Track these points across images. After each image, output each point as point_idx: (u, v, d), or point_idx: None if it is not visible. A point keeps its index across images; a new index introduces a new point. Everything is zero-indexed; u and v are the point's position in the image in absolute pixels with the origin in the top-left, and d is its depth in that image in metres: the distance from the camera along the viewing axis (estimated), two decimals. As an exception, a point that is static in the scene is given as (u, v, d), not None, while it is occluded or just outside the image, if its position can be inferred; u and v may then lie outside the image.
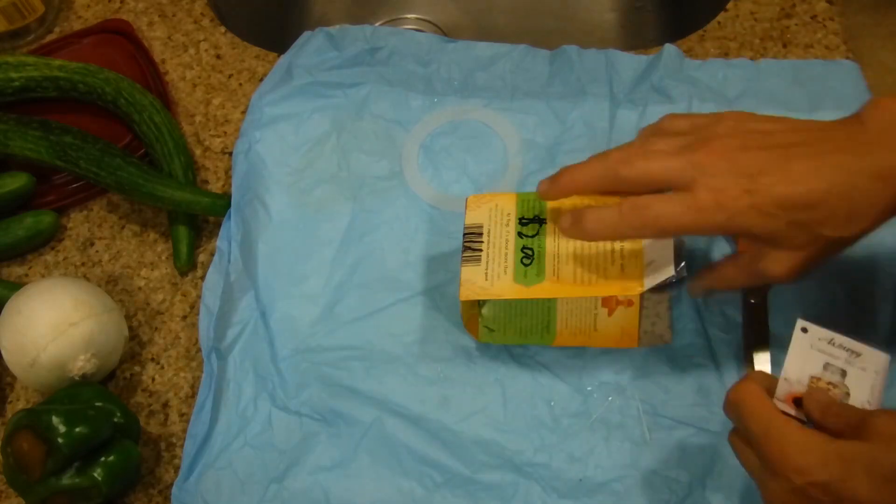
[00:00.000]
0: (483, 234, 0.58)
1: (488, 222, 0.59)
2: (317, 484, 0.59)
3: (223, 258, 0.66)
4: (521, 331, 0.61)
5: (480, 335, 0.61)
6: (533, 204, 0.59)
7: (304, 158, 0.70)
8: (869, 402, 0.50)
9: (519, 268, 0.56)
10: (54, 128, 0.69)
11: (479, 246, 0.58)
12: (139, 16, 0.82)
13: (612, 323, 0.61)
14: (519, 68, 0.73)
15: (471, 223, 0.59)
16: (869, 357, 0.52)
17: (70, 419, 0.56)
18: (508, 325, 0.61)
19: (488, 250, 0.58)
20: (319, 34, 0.75)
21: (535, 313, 0.61)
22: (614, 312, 0.61)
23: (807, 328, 0.52)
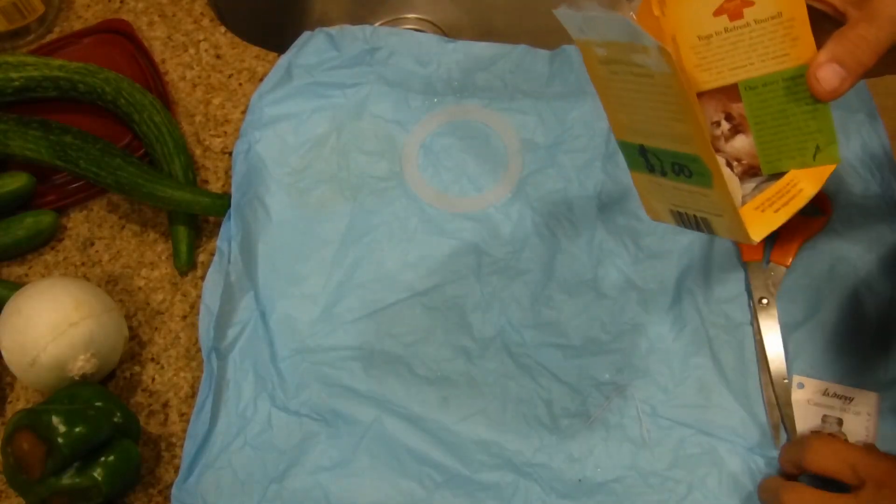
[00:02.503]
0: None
1: None
2: (316, 484, 0.58)
3: (223, 258, 0.66)
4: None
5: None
6: None
7: (304, 158, 0.70)
8: (865, 442, 0.52)
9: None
10: (54, 128, 0.69)
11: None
12: (139, 16, 0.82)
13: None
14: (519, 68, 0.73)
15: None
16: (860, 400, 0.53)
17: (70, 419, 0.56)
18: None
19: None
20: (319, 34, 0.75)
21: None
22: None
23: (803, 383, 0.54)
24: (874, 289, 0.63)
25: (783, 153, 0.48)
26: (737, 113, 0.48)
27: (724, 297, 0.63)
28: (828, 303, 0.63)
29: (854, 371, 0.60)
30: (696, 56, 0.47)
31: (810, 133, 0.46)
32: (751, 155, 0.48)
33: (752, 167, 0.49)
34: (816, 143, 0.47)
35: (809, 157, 0.47)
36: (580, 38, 0.44)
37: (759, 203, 0.47)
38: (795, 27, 0.44)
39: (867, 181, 0.67)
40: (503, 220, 0.67)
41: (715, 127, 0.49)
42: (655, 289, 0.64)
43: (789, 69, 0.45)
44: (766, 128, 0.47)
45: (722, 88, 0.47)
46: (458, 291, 0.65)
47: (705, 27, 0.46)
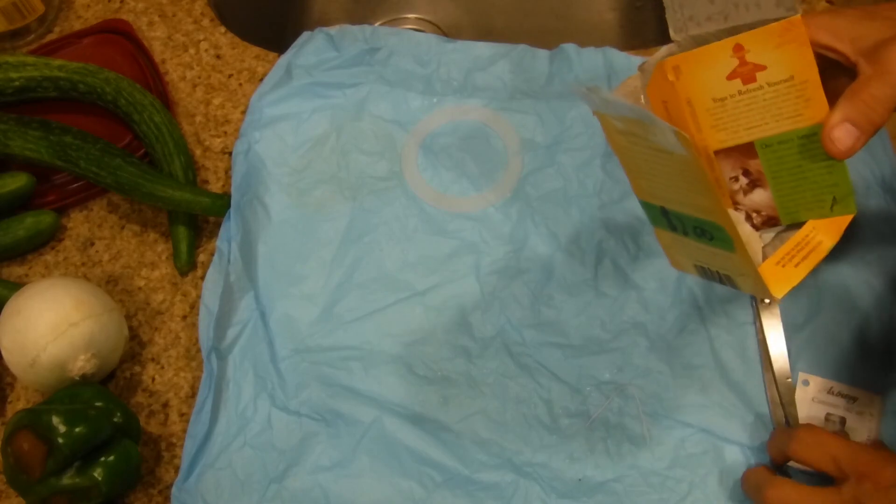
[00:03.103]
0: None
1: None
2: (316, 484, 0.59)
3: (223, 258, 0.67)
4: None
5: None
6: None
7: (304, 159, 0.70)
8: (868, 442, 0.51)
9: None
10: (54, 128, 0.69)
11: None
12: (139, 16, 0.82)
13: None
14: (518, 68, 0.74)
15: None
16: (864, 400, 0.52)
17: (70, 419, 0.56)
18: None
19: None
20: (319, 34, 0.75)
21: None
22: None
23: (808, 381, 0.53)
24: (875, 289, 0.63)
25: (801, 205, 0.50)
26: (754, 169, 0.49)
27: (725, 296, 0.64)
28: (830, 303, 0.63)
29: (857, 372, 0.60)
30: (712, 117, 0.48)
31: (827, 186, 0.48)
32: (769, 207, 0.50)
33: (771, 218, 0.51)
34: (833, 195, 0.48)
35: (827, 209, 0.49)
36: (598, 111, 0.45)
37: (779, 258, 0.49)
38: (808, 89, 0.46)
39: (868, 181, 0.67)
40: (503, 219, 0.67)
41: (733, 182, 0.50)
42: (655, 287, 0.64)
43: (804, 128, 0.47)
44: (783, 182, 0.49)
45: (739, 147, 0.49)
46: (458, 291, 0.65)
47: (719, 90, 0.47)
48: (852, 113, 0.45)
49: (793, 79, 0.46)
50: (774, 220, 0.51)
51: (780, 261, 0.49)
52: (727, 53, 0.46)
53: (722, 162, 0.50)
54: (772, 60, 0.45)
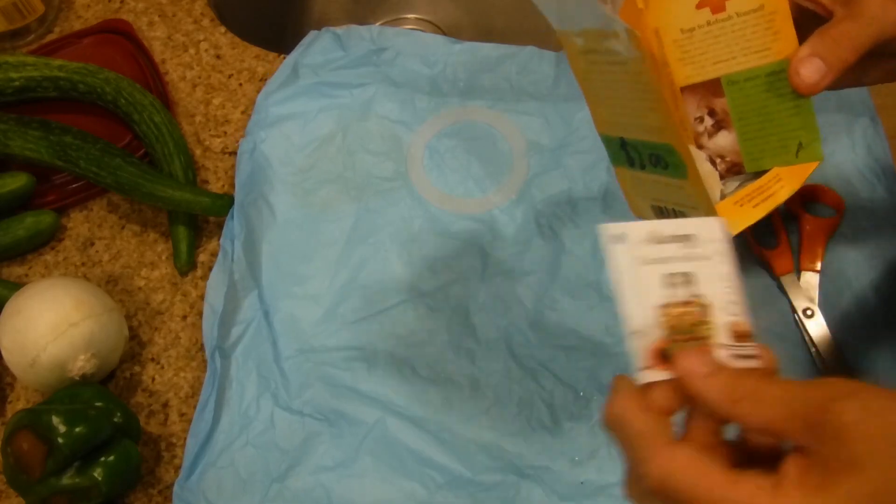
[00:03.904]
0: None
1: None
2: (319, 484, 0.60)
3: (227, 257, 0.68)
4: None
5: None
6: None
7: (309, 158, 0.72)
8: (728, 304, 0.38)
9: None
10: (54, 128, 0.70)
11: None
12: (139, 16, 0.83)
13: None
14: (525, 70, 0.75)
15: None
16: (702, 233, 0.39)
17: (70, 419, 0.57)
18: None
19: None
20: (325, 34, 0.76)
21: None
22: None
23: (623, 234, 0.38)
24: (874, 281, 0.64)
25: (766, 150, 0.49)
26: (720, 108, 0.49)
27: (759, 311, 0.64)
28: (870, 302, 0.64)
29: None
30: (680, 50, 0.47)
31: (793, 130, 0.48)
32: (734, 152, 0.50)
33: (735, 164, 0.50)
34: (799, 139, 0.48)
35: (792, 155, 0.48)
36: (560, 28, 0.45)
37: (738, 198, 0.48)
38: (777, 21, 0.45)
39: (872, 183, 0.68)
40: (508, 221, 0.68)
41: (698, 123, 0.49)
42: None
43: (771, 63, 0.46)
44: (748, 124, 0.48)
45: (705, 83, 0.48)
46: (462, 292, 0.66)
47: (688, 20, 0.46)
48: (821, 48, 0.44)
49: (762, 8, 0.45)
50: (738, 166, 0.50)
51: (739, 201, 0.48)
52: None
53: (688, 99, 0.48)
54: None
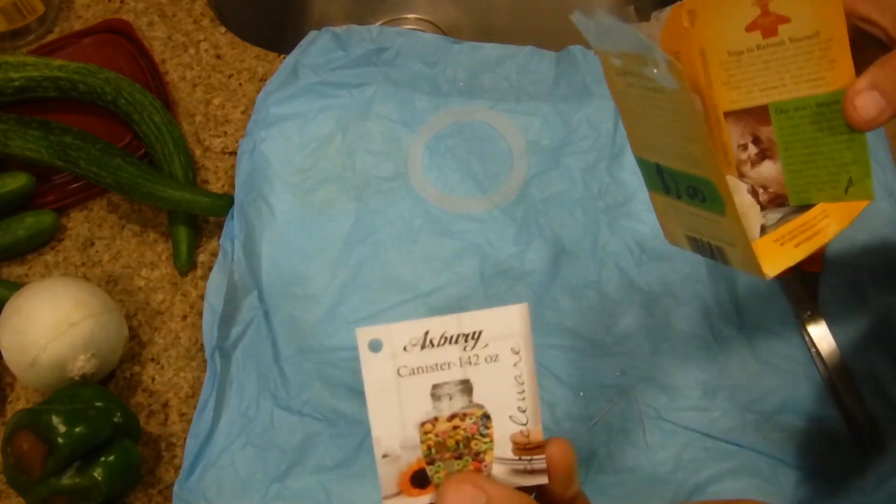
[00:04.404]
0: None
1: None
2: (318, 484, 0.60)
3: (227, 257, 0.68)
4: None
5: None
6: None
7: (309, 158, 0.72)
8: (514, 413, 0.35)
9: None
10: (54, 128, 0.71)
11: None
12: (139, 16, 0.84)
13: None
14: (525, 70, 0.76)
15: None
16: (493, 328, 0.34)
17: (70, 419, 0.57)
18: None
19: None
20: (325, 34, 0.77)
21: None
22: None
23: (379, 341, 0.34)
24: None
25: (812, 184, 0.46)
26: (765, 137, 0.46)
27: (732, 299, 0.65)
28: (871, 302, 0.65)
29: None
30: (726, 73, 0.45)
31: (843, 164, 0.44)
32: (778, 183, 0.47)
33: (778, 196, 0.47)
34: (850, 175, 0.44)
35: (841, 191, 0.45)
36: (598, 47, 0.43)
37: (779, 235, 0.45)
38: (833, 49, 0.42)
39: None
40: (508, 221, 0.69)
41: (741, 150, 0.47)
42: (660, 291, 0.66)
43: (824, 94, 0.43)
44: (795, 155, 0.45)
45: (751, 110, 0.45)
46: (462, 293, 0.66)
47: (736, 42, 0.44)
48: (883, 80, 0.40)
49: (818, 35, 0.41)
50: (782, 198, 0.47)
51: (780, 238, 0.44)
52: (749, 0, 0.42)
53: (731, 126, 0.46)
54: (797, 12, 0.41)
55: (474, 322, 0.34)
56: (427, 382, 0.34)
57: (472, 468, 0.35)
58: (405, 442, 0.34)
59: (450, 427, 0.34)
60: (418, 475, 0.34)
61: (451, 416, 0.34)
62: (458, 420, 0.34)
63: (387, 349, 0.34)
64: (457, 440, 0.34)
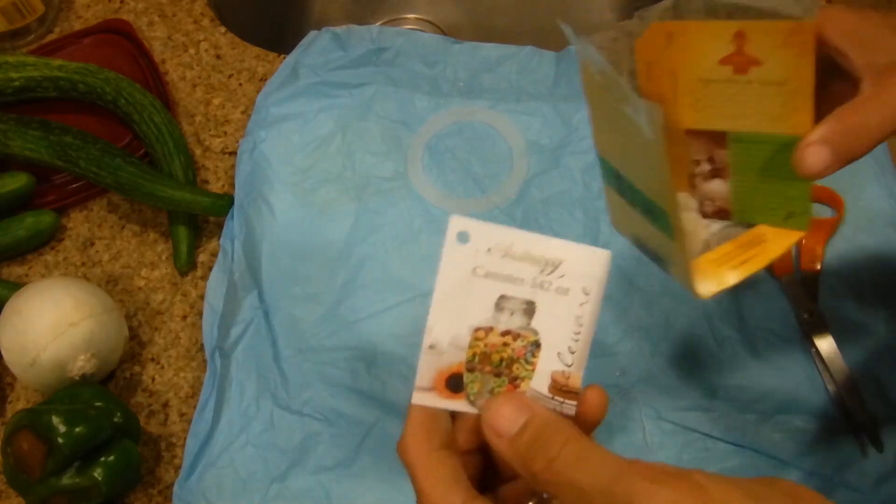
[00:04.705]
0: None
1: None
2: (318, 484, 0.61)
3: (227, 257, 0.69)
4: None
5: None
6: None
7: (309, 158, 0.72)
8: (563, 352, 0.35)
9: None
10: (54, 128, 0.71)
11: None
12: (139, 16, 0.84)
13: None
14: (525, 70, 0.76)
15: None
16: (576, 263, 0.34)
17: (70, 419, 0.57)
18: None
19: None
20: (325, 34, 0.77)
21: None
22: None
23: (467, 234, 0.34)
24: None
25: (756, 208, 0.49)
26: (720, 159, 0.48)
27: (734, 300, 0.65)
28: (871, 302, 0.65)
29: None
30: (692, 96, 0.46)
31: (787, 198, 0.47)
32: (724, 199, 0.49)
33: (723, 210, 0.50)
34: (791, 208, 0.47)
35: (780, 219, 0.48)
36: (580, 57, 0.43)
37: (719, 255, 0.48)
38: (797, 99, 0.43)
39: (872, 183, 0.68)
40: (508, 221, 0.70)
41: (695, 165, 0.49)
42: (660, 291, 0.66)
43: (781, 135, 0.45)
44: (745, 181, 0.48)
45: (711, 132, 0.47)
46: (462, 293, 0.66)
47: (708, 72, 0.45)
48: (834, 136, 0.42)
49: (786, 83, 0.43)
50: (726, 213, 0.49)
51: (719, 259, 0.47)
52: (727, 37, 0.43)
53: (691, 140, 0.48)
54: (770, 58, 0.43)
55: (560, 250, 0.34)
56: (496, 290, 0.34)
57: (505, 391, 0.35)
58: (455, 340, 0.34)
59: (500, 342, 0.34)
60: (454, 379, 0.34)
61: (505, 332, 0.34)
62: (511, 338, 0.34)
63: (472, 244, 0.33)
64: (502, 357, 0.35)
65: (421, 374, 0.34)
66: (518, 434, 0.34)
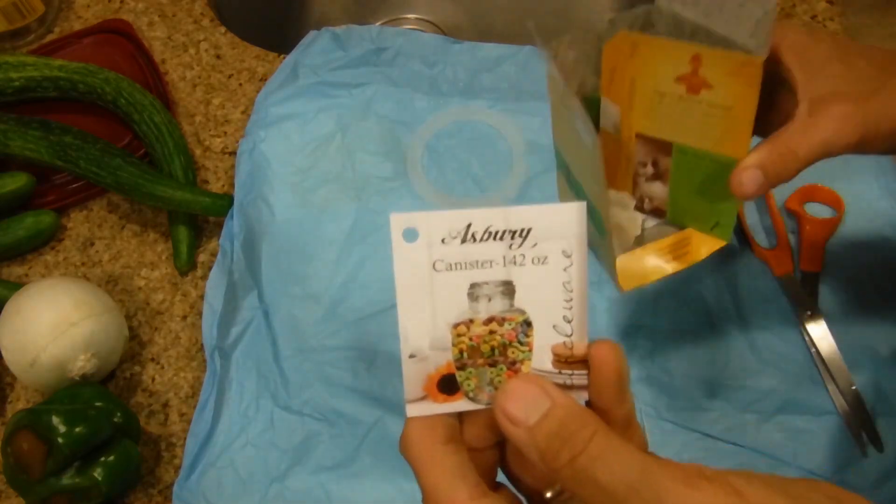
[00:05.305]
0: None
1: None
2: (318, 484, 0.61)
3: (226, 257, 0.69)
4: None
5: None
6: None
7: (309, 158, 0.72)
8: (558, 323, 0.33)
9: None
10: (54, 128, 0.71)
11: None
12: (139, 16, 0.84)
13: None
14: (524, 70, 0.76)
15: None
16: (546, 225, 0.32)
17: (70, 419, 0.58)
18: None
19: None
20: (325, 34, 0.77)
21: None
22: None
23: (415, 230, 0.31)
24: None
25: (688, 213, 0.53)
26: (663, 165, 0.52)
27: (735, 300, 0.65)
28: (871, 302, 0.65)
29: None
30: (647, 105, 0.49)
31: (716, 211, 0.51)
32: (662, 200, 0.53)
33: (659, 210, 0.54)
34: (718, 219, 0.52)
35: (708, 227, 0.52)
36: (542, 55, 0.45)
37: (647, 252, 0.51)
38: (740, 125, 0.47)
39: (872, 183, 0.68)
40: (507, 221, 0.69)
41: (641, 166, 0.53)
42: (660, 291, 0.66)
43: (721, 156, 0.48)
44: (682, 189, 0.52)
45: (659, 140, 0.51)
46: (462, 292, 0.66)
47: (664, 86, 0.48)
48: (767, 161, 0.46)
49: (731, 109, 0.46)
50: (661, 212, 0.54)
51: (646, 256, 0.51)
52: (685, 58, 0.46)
53: (639, 144, 0.51)
54: (720, 84, 0.46)
55: (524, 218, 0.31)
56: (465, 280, 0.31)
57: (507, 377, 0.33)
58: (435, 343, 0.32)
59: (486, 331, 0.32)
60: (446, 380, 0.32)
61: (488, 320, 0.32)
62: (496, 324, 0.32)
63: (423, 239, 0.31)
64: (492, 346, 0.32)
65: (408, 385, 0.32)
66: (539, 423, 0.31)
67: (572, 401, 0.31)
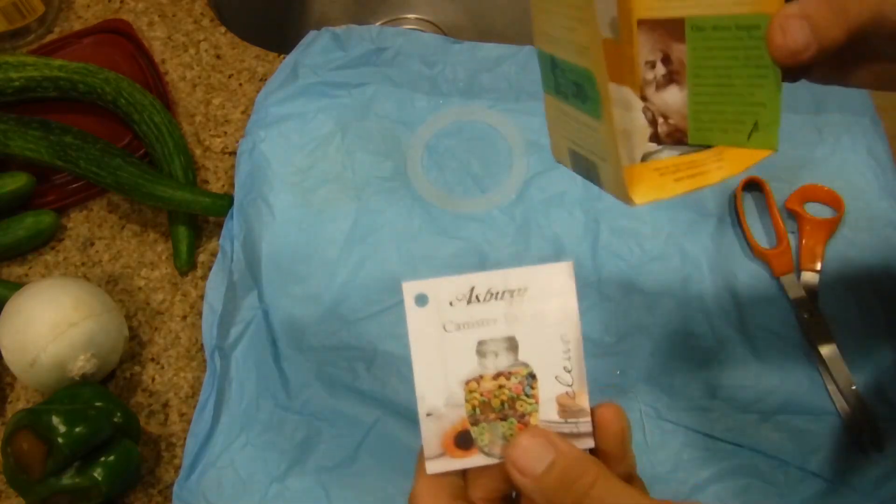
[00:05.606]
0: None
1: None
2: (318, 484, 0.61)
3: (226, 257, 0.69)
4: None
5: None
6: None
7: (309, 158, 0.72)
8: (560, 374, 0.35)
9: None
10: (54, 128, 0.71)
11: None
12: (139, 16, 0.84)
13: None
14: (524, 69, 0.76)
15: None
16: (536, 285, 0.34)
17: (70, 419, 0.58)
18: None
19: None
20: (325, 34, 0.77)
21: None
22: None
23: (424, 295, 0.34)
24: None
25: (717, 122, 0.42)
26: (676, 57, 0.41)
27: (735, 300, 0.65)
28: (870, 302, 0.65)
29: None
30: None
31: (753, 104, 0.40)
32: (680, 115, 0.42)
33: (678, 130, 0.43)
34: (757, 118, 0.40)
35: (744, 135, 0.41)
36: None
37: (662, 165, 0.41)
38: None
39: (872, 183, 0.68)
40: (507, 221, 0.69)
41: (648, 68, 0.42)
42: (660, 291, 0.66)
43: (748, 14, 0.38)
44: (705, 83, 0.41)
45: (667, 23, 0.41)
46: (462, 292, 0.66)
47: None
48: (814, 12, 0.36)
49: None
50: (681, 133, 0.43)
51: (662, 169, 0.41)
52: None
53: (643, 36, 0.42)
54: None
55: (520, 278, 0.34)
56: (473, 338, 0.34)
57: (518, 430, 0.35)
58: (449, 400, 0.34)
59: (495, 386, 0.34)
60: (462, 436, 0.34)
61: (496, 375, 0.34)
62: (504, 379, 0.34)
63: (433, 304, 0.34)
64: (502, 400, 0.34)
65: (427, 443, 0.34)
66: (545, 472, 0.33)
67: (575, 450, 0.33)
